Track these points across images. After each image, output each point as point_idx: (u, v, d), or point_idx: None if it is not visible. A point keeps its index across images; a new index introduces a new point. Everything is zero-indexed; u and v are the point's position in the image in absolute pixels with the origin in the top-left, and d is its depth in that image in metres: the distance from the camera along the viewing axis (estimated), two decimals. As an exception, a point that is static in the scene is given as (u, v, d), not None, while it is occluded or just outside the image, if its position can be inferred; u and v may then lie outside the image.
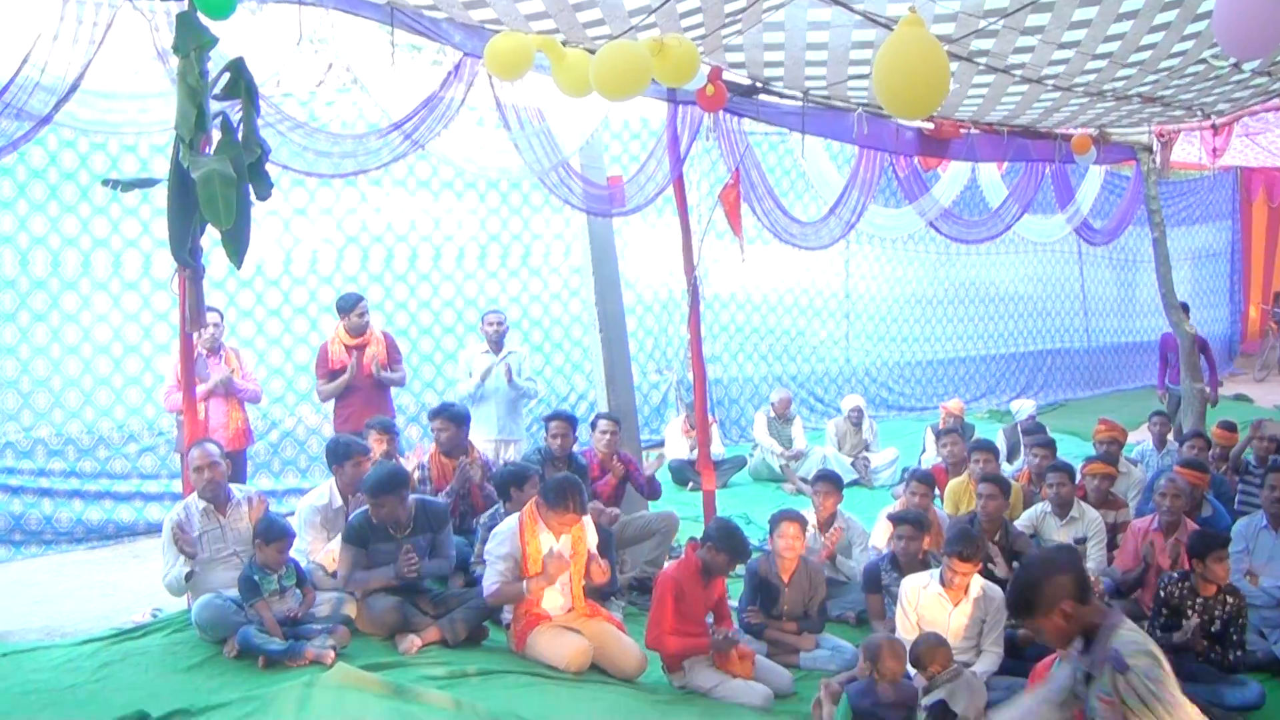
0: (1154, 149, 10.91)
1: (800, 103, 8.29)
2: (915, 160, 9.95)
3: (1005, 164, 10.81)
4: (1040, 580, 3.62)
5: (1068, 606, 3.49)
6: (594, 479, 8.07)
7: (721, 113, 7.98)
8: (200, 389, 7.99)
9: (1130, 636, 3.53)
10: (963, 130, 9.60)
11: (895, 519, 7.13)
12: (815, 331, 14.96)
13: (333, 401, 8.87)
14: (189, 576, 6.20)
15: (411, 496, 6.71)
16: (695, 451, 10.15)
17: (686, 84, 7.03)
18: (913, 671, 5.67)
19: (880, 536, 7.92)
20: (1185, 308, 11.56)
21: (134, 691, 5.52)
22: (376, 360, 8.70)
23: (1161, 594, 6.41)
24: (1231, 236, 20.26)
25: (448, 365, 11.18)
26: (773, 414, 11.87)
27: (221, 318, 8.59)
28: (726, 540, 6.21)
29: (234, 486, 6.71)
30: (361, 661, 5.84)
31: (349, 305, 8.70)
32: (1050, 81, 7.87)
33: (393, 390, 9.12)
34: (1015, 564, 6.95)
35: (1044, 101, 8.64)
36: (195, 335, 6.87)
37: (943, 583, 6.14)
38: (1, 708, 5.39)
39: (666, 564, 7.35)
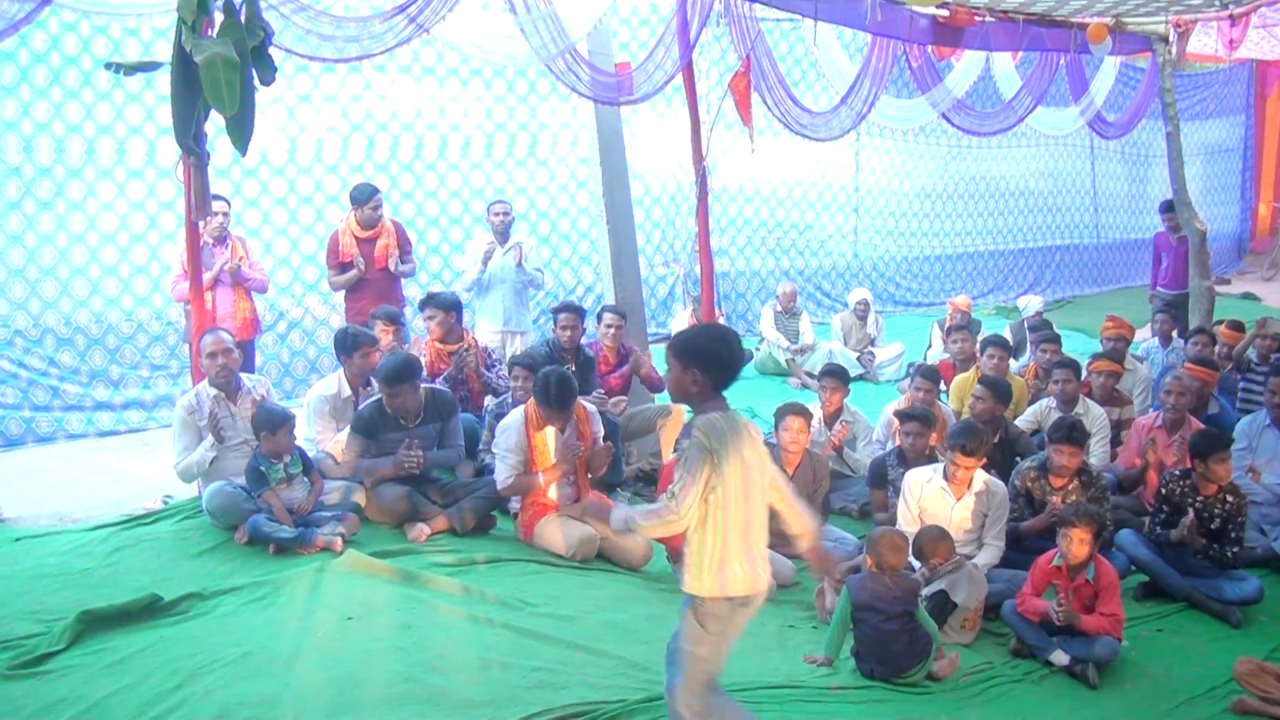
0: (1170, 39, 10.70)
1: (813, -12, 8.10)
2: (929, 49, 9.74)
3: (1020, 54, 10.60)
4: (709, 345, 3.85)
5: (697, 375, 3.75)
6: (602, 372, 8.06)
7: (732, -3, 7.79)
8: (205, 277, 7.96)
9: (712, 419, 3.74)
10: (977, 18, 9.39)
11: (902, 416, 7.13)
12: (824, 225, 14.84)
13: (343, 292, 8.82)
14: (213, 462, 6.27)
15: (422, 386, 6.74)
16: (701, 344, 10.11)
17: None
18: (915, 563, 5.72)
19: (885, 431, 7.94)
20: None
21: (145, 576, 5.61)
22: (389, 252, 8.64)
23: (1163, 491, 6.45)
24: (1245, 132, 19.94)
25: (455, 256, 11.11)
26: (779, 308, 11.83)
27: (229, 206, 8.47)
28: None
29: (243, 376, 6.72)
30: (371, 549, 5.92)
31: (364, 197, 8.59)
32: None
33: (403, 281, 9.07)
34: (1017, 460, 7.00)
35: (1062, -13, 8.43)
36: (201, 224, 6.79)
37: (946, 477, 6.16)
38: (14, 590, 5.48)
39: (672, 456, 7.37)
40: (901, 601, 5.14)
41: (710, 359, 3.79)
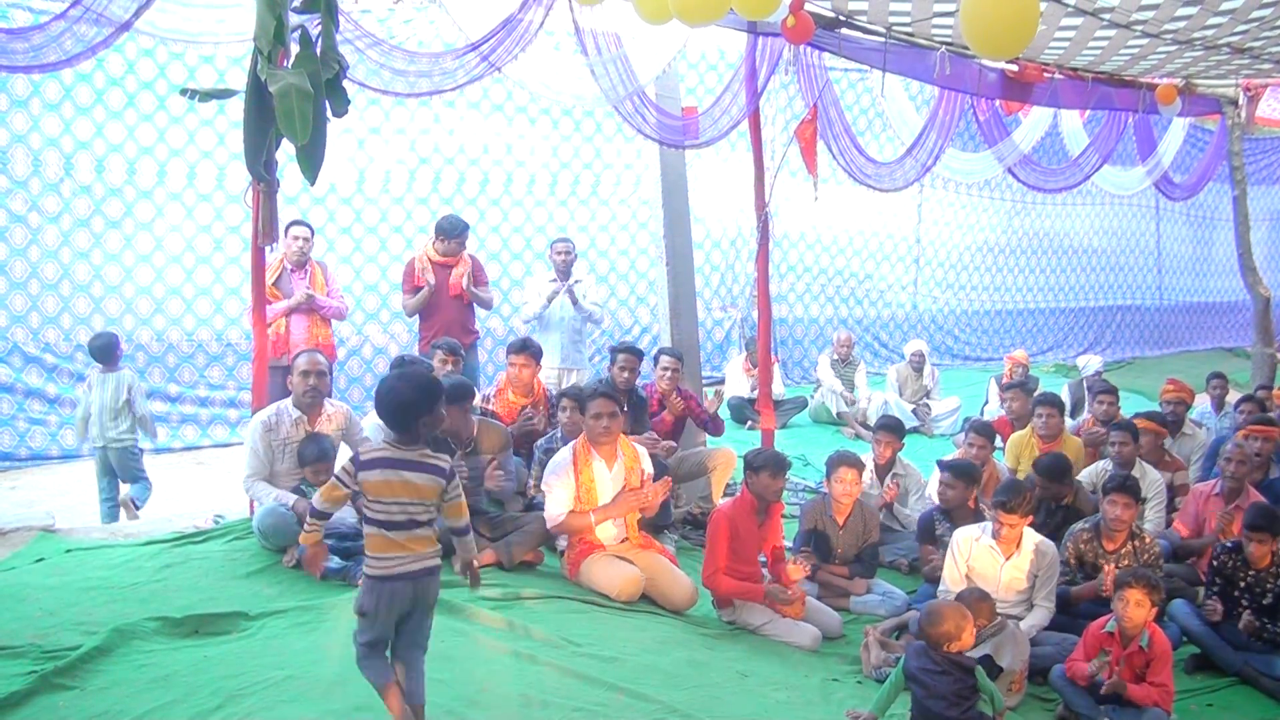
0: (1240, 103, 10.59)
1: (882, 39, 8.08)
2: (996, 103, 9.69)
3: (1088, 112, 10.51)
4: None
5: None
6: (652, 413, 8.03)
7: (802, 46, 7.79)
8: (281, 305, 8.03)
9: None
10: (1047, 74, 9.32)
11: (943, 465, 7.04)
12: (884, 276, 14.78)
13: (417, 319, 8.87)
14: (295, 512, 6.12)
15: (476, 417, 6.73)
16: (755, 390, 10.09)
17: (767, 16, 6.87)
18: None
19: (935, 487, 7.83)
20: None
21: (193, 593, 5.63)
22: (464, 280, 8.66)
23: (1214, 563, 6.28)
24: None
25: (515, 292, 11.18)
26: (835, 355, 11.77)
27: (310, 232, 8.45)
28: (761, 457, 6.17)
29: (326, 400, 6.67)
30: (416, 579, 5.89)
31: (453, 231, 8.59)
32: (1139, 27, 7.61)
33: (477, 311, 9.09)
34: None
35: (1131, 48, 8.36)
36: (268, 249, 6.86)
37: (994, 536, 6.04)
38: (63, 600, 5.52)
39: (721, 502, 7.32)
40: (951, 681, 4.76)
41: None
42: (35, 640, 5.04)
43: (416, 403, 4.10)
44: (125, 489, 7.67)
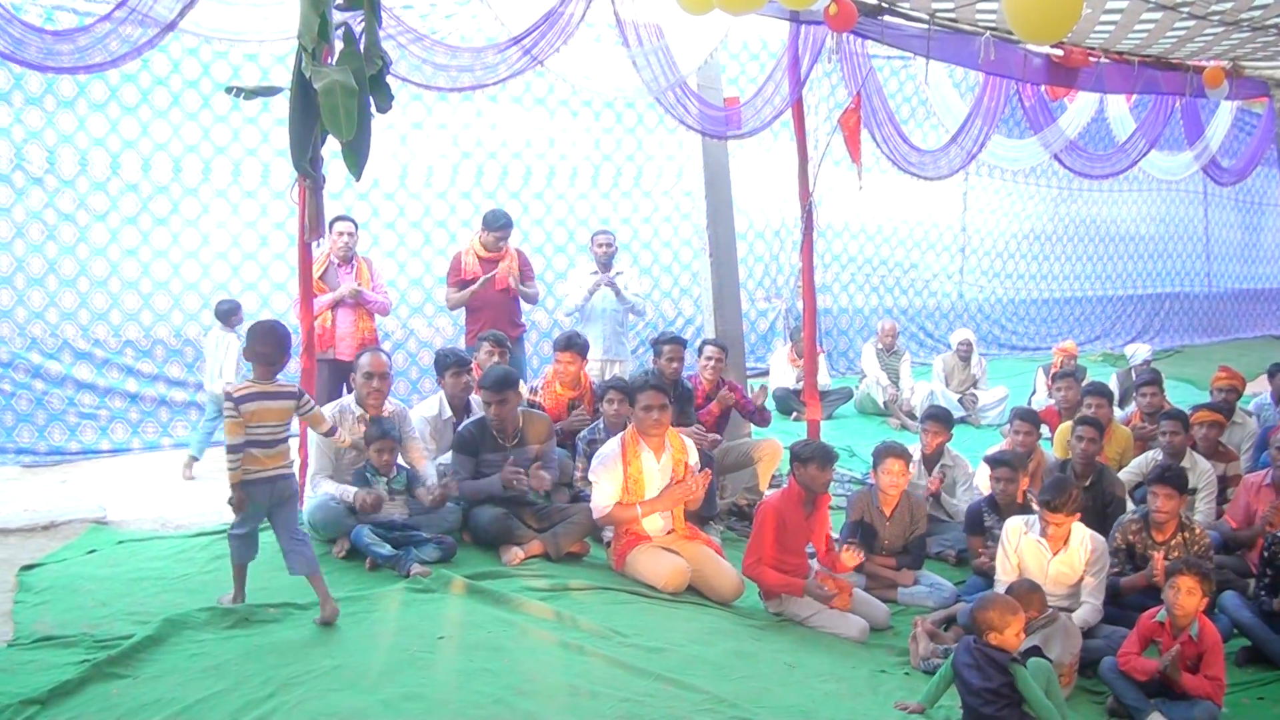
0: (1288, 85, 10.39)
1: (926, 25, 8.01)
2: (1042, 89, 9.57)
3: (1134, 96, 10.36)
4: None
5: None
6: (698, 405, 8.02)
7: (845, 34, 7.74)
8: (326, 298, 8.11)
9: None
10: (1092, 59, 9.20)
11: (992, 461, 6.98)
12: (929, 265, 14.65)
13: (463, 313, 8.91)
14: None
15: (522, 409, 6.79)
16: (801, 381, 10.05)
17: (810, 5, 6.84)
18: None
19: (983, 478, 7.76)
20: None
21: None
22: (511, 274, 8.69)
23: (1265, 554, 6.18)
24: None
25: (559, 284, 11.20)
26: (880, 345, 11.71)
27: (355, 227, 8.55)
28: (808, 449, 6.15)
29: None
30: (465, 570, 5.95)
31: (496, 225, 8.66)
32: (1186, 9, 7.51)
33: (522, 305, 9.12)
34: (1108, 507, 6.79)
35: (1178, 30, 8.24)
36: (315, 244, 6.92)
37: (1041, 532, 5.98)
38: (115, 591, 5.65)
39: (768, 493, 7.31)
40: (985, 676, 4.68)
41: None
42: (88, 630, 5.15)
43: (277, 349, 5.33)
44: None
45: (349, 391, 7.10)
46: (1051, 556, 5.93)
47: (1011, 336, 15.36)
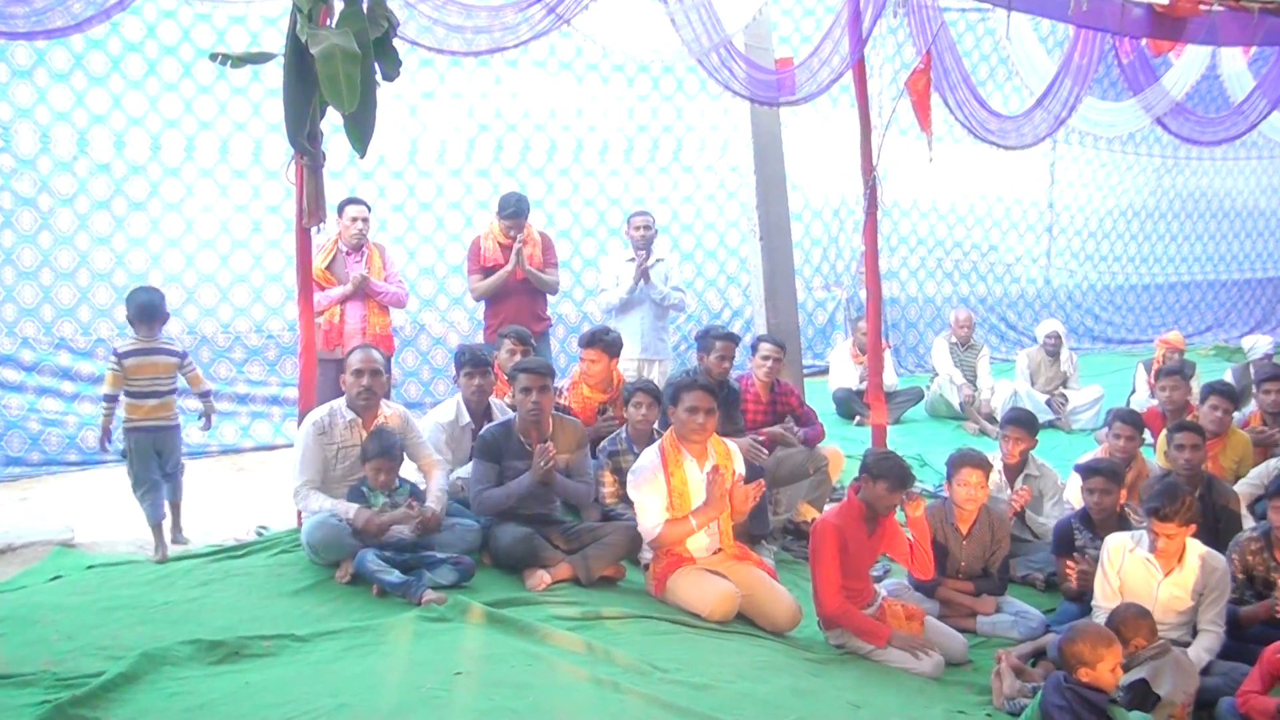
0: None
1: (1007, -26, 7.99)
2: (1143, 43, 9.49)
3: (1253, 49, 10.25)
4: None
5: None
6: (745, 409, 8.01)
7: (913, -15, 7.73)
8: (334, 292, 8.15)
9: None
10: (1203, 7, 9.11)
11: (1084, 470, 6.91)
12: (1010, 247, 14.60)
13: (481, 306, 8.95)
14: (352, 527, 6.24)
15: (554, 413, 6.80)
16: (865, 381, 10.03)
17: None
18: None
19: (1074, 491, 7.71)
20: None
21: (234, 614, 5.69)
22: (533, 261, 8.75)
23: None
24: None
25: (587, 272, 11.23)
26: (953, 339, 11.64)
27: (369, 211, 8.56)
28: (883, 464, 6.06)
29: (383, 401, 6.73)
30: (485, 596, 5.95)
31: (506, 211, 8.70)
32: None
33: (548, 296, 9.17)
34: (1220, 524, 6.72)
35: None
36: (314, 230, 6.95)
37: (1150, 548, 5.92)
38: (84, 623, 5.55)
39: (826, 508, 7.29)
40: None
41: None
42: (49, 667, 5.03)
43: (156, 308, 7.10)
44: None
45: None
46: (1163, 577, 5.87)
47: (1107, 328, 15.27)
